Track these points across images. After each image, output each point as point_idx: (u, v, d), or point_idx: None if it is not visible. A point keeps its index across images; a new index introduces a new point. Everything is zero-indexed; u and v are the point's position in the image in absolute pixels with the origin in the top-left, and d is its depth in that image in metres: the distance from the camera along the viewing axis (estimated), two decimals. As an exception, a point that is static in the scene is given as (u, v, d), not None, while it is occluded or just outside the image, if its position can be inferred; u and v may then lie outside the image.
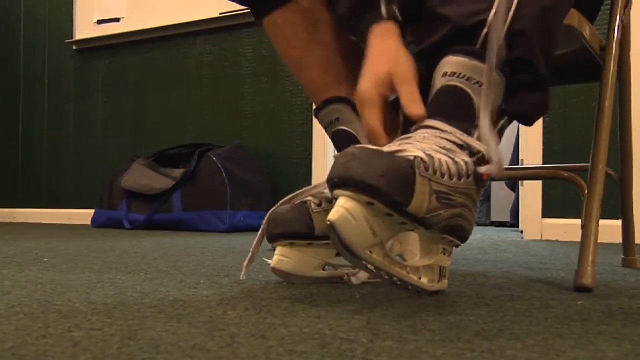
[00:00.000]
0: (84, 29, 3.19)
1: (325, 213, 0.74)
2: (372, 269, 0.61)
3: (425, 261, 0.65)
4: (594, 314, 0.62)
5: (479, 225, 3.63)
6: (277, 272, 0.81)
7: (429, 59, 0.70)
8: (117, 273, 0.94)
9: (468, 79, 0.66)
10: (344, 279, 0.79)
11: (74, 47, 3.27)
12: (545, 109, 0.74)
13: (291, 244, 0.79)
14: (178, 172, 2.51)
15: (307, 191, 0.82)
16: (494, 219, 3.78)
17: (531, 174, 1.41)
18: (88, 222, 2.84)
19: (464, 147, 0.65)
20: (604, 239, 1.07)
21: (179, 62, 2.98)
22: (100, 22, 3.14)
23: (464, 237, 0.67)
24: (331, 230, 0.58)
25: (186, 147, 2.65)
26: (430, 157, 0.60)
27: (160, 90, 3.03)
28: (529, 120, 0.75)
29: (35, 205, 3.36)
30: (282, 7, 0.86)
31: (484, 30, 0.66)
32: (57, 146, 3.33)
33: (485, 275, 0.95)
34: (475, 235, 0.68)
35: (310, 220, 0.78)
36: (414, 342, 0.48)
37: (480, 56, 0.66)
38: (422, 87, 0.72)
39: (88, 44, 3.20)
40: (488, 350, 0.46)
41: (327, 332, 0.52)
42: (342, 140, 0.82)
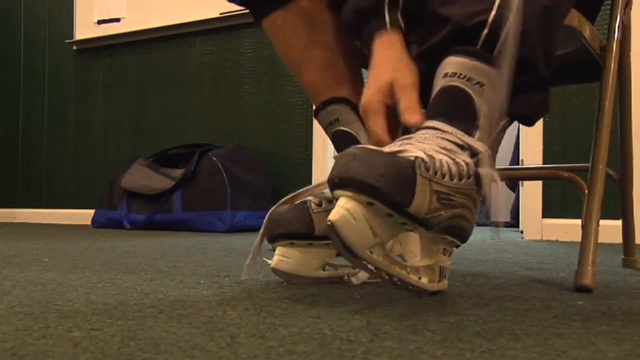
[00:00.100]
0: (84, 29, 3.19)
1: (325, 213, 0.74)
2: (372, 269, 0.61)
3: (425, 261, 0.65)
4: (594, 314, 0.62)
5: (479, 225, 3.62)
6: (277, 272, 0.81)
7: (430, 60, 0.70)
8: (117, 273, 0.94)
9: (469, 79, 0.66)
10: (344, 279, 0.79)
11: (74, 47, 3.27)
12: (546, 109, 0.74)
13: (291, 244, 0.79)
14: (178, 172, 2.51)
15: (307, 191, 0.82)
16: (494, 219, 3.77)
17: (531, 174, 1.41)
18: (88, 222, 2.84)
19: (464, 147, 0.65)
20: (604, 239, 1.07)
21: (179, 62, 2.98)
22: (100, 22, 3.14)
23: (464, 237, 0.67)
24: (331, 230, 0.58)
25: (186, 147, 2.65)
26: (431, 157, 0.60)
27: (160, 90, 3.03)
28: (529, 120, 0.75)
29: (35, 205, 3.36)
30: (281, 8, 0.86)
31: (485, 31, 0.66)
32: (57, 146, 3.33)
33: (485, 275, 0.95)
34: (475, 235, 0.68)
35: (310, 220, 0.78)
36: (414, 342, 0.48)
37: (481, 56, 0.66)
38: (423, 88, 0.72)
39: (88, 44, 3.20)
40: (488, 350, 0.46)
41: (327, 332, 0.52)
42: (342, 141, 0.82)
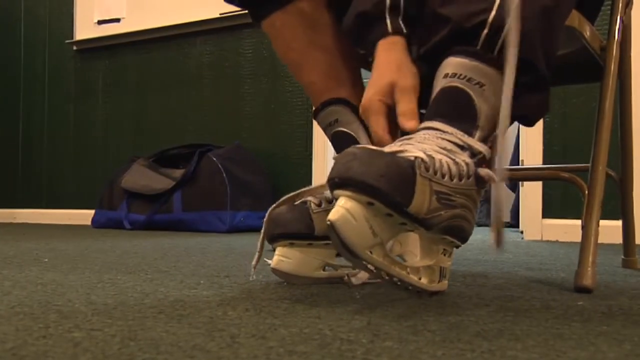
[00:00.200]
0: (84, 29, 3.19)
1: (325, 213, 0.74)
2: (372, 269, 0.61)
3: (426, 261, 0.65)
4: (594, 315, 0.62)
5: (479, 225, 3.62)
6: (277, 273, 0.81)
7: (430, 60, 0.70)
8: (117, 273, 0.94)
9: (469, 79, 0.66)
10: (344, 279, 0.79)
11: (74, 47, 3.27)
12: (546, 109, 0.74)
13: (291, 244, 0.79)
14: (178, 173, 2.51)
15: (307, 191, 0.82)
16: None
17: (531, 174, 1.41)
18: (88, 222, 2.84)
19: (464, 147, 0.65)
20: (604, 239, 1.07)
21: (179, 62, 2.98)
22: (100, 22, 3.14)
23: (464, 237, 0.67)
24: (331, 230, 0.58)
25: (186, 147, 2.65)
26: (431, 157, 0.60)
27: (160, 90, 3.03)
28: (529, 120, 0.75)
29: (35, 206, 3.36)
30: (280, 9, 0.85)
31: (485, 31, 0.66)
32: (57, 146, 3.33)
33: (485, 275, 0.95)
34: (475, 235, 0.68)
35: (310, 220, 0.78)
36: (414, 342, 0.48)
37: (481, 57, 0.66)
38: (423, 88, 0.72)
39: (88, 44, 3.20)
40: (488, 350, 0.46)
41: (327, 333, 0.52)
42: (341, 141, 0.82)
